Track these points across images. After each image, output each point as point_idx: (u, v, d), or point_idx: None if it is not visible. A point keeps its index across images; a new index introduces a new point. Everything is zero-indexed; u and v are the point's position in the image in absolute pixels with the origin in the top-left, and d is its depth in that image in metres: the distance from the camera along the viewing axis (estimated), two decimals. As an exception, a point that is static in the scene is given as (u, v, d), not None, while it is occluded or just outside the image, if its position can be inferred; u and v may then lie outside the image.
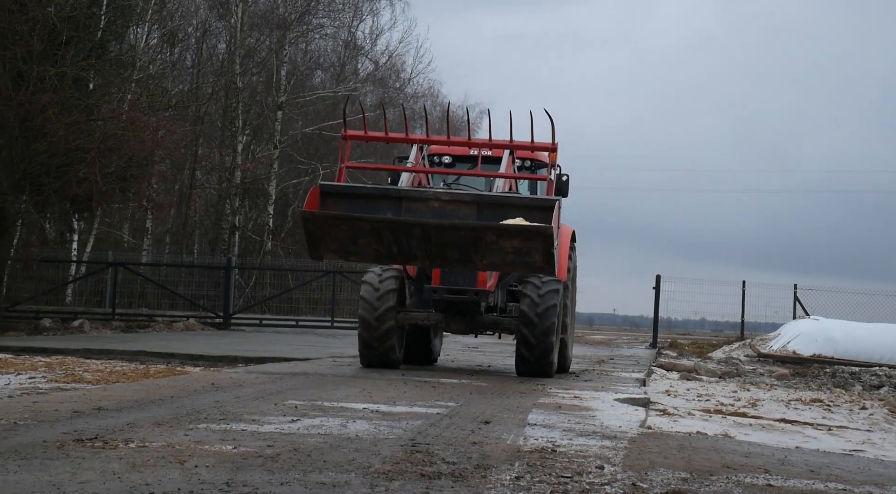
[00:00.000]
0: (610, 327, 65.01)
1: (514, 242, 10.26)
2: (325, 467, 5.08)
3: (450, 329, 12.56)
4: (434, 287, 12.23)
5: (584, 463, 5.59)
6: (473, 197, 11.11)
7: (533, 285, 11.87)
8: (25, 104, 18.29)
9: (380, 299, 11.91)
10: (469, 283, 12.16)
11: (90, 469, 4.71)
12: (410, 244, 10.38)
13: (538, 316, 11.69)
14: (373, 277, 12.14)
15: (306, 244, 10.50)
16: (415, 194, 11.02)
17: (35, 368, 10.90)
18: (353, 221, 10.30)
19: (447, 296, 12.18)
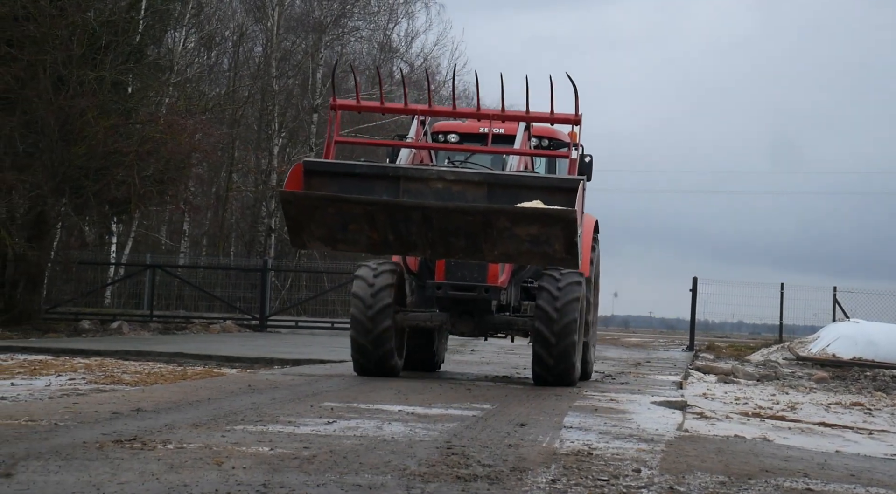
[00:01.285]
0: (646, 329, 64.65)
1: (532, 229, 8.75)
2: (360, 469, 5.09)
3: (456, 331, 11.13)
4: (438, 282, 10.81)
5: (620, 466, 5.57)
6: (483, 176, 9.46)
7: (551, 277, 10.62)
8: (65, 108, 18.50)
9: (375, 296, 10.59)
10: (478, 278, 10.75)
11: (129, 470, 4.75)
12: (409, 230, 8.88)
13: (557, 312, 10.40)
14: (366, 271, 10.77)
15: (287, 230, 9.07)
16: (415, 173, 9.34)
17: (75, 369, 11.02)
18: (343, 203, 8.75)
19: (452, 294, 10.75)
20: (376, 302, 10.57)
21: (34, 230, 19.41)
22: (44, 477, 4.55)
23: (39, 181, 18.50)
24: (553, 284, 10.56)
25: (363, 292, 10.62)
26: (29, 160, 18.85)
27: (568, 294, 10.49)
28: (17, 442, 5.40)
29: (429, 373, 12.16)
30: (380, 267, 10.77)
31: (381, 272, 10.71)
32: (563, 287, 10.53)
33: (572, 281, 10.59)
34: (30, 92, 18.29)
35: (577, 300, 10.52)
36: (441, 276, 10.83)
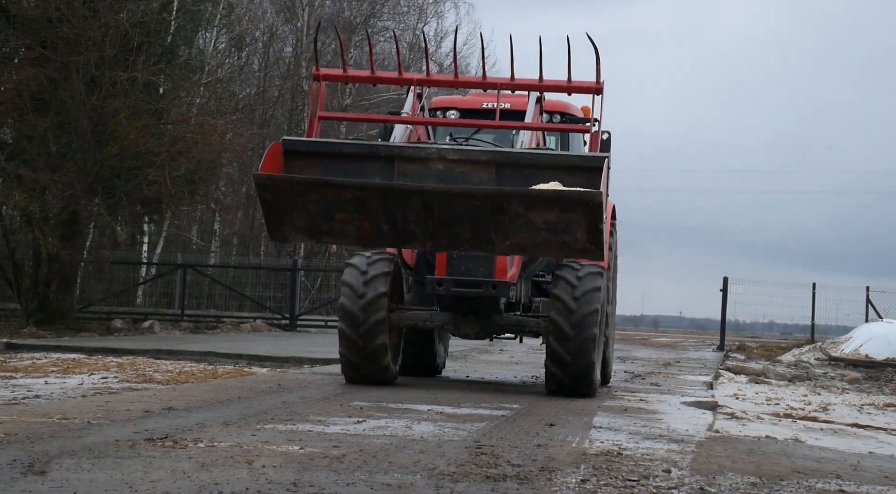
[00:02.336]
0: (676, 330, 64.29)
1: (549, 215, 7.40)
2: (390, 468, 5.11)
3: (459, 332, 9.82)
4: (438, 278, 9.49)
5: (650, 467, 5.55)
6: (492, 155, 8.09)
7: (569, 267, 9.52)
8: (98, 109, 18.66)
9: (368, 284, 9.44)
10: (484, 273, 9.47)
11: (161, 469, 4.79)
12: (407, 219, 7.53)
13: (577, 301, 9.30)
14: (360, 260, 9.74)
15: (265, 221, 7.79)
16: (412, 152, 8.00)
17: (107, 368, 11.11)
18: (328, 188, 7.45)
19: (455, 290, 9.47)
20: (369, 291, 9.42)
21: (67, 230, 19.59)
22: (77, 475, 4.59)
23: (72, 181, 18.66)
24: (571, 273, 9.51)
25: (355, 280, 9.51)
26: (62, 160, 19.02)
27: (588, 283, 9.43)
28: (51, 440, 5.46)
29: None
30: (375, 256, 9.75)
31: (376, 260, 9.69)
32: (583, 276, 9.50)
33: (593, 271, 9.57)
34: (63, 93, 18.46)
35: (598, 290, 9.38)
36: (442, 271, 9.52)
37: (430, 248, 8.56)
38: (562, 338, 9.28)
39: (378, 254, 9.69)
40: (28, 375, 9.69)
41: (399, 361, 10.14)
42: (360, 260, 9.63)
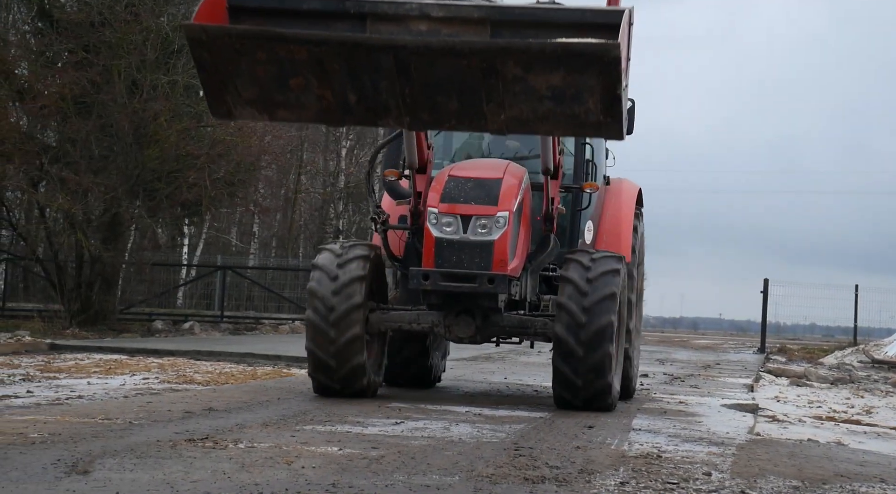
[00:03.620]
0: (716, 331, 63.85)
1: (554, 76, 5.90)
2: (429, 469, 5.11)
3: (451, 335, 8.39)
4: (424, 270, 8.03)
5: (690, 470, 5.51)
6: (485, 11, 6.46)
7: (578, 264, 8.16)
8: (139, 112, 18.85)
9: (340, 292, 8.11)
10: (480, 264, 8.02)
11: (202, 469, 4.83)
12: (378, 86, 5.91)
13: (586, 312, 7.92)
14: (328, 259, 8.32)
15: (203, 91, 6.15)
16: (387, 9, 6.38)
17: (148, 369, 11.22)
18: (279, 43, 5.86)
19: (444, 285, 7.99)
20: (342, 302, 8.09)
21: (109, 232, 19.80)
22: (119, 475, 4.64)
23: (114, 183, 18.85)
24: (580, 273, 8.07)
25: (323, 288, 8.14)
26: (104, 163, 19.23)
27: (601, 287, 7.98)
28: (94, 440, 5.52)
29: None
30: (347, 253, 8.32)
31: (349, 260, 8.25)
32: (595, 277, 8.04)
33: (608, 270, 8.10)
34: (105, 96, 18.66)
35: (612, 297, 7.97)
36: (430, 262, 8.06)
37: (409, 125, 6.44)
38: (570, 359, 7.92)
39: (353, 250, 8.41)
40: (71, 375, 9.81)
41: (382, 370, 8.77)
42: (328, 261, 8.38)
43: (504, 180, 8.28)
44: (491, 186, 8.21)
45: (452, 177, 8.31)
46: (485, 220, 8.07)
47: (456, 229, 8.08)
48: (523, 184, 8.47)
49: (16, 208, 22.80)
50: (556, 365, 8.07)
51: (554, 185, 8.60)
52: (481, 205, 8.09)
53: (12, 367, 10.50)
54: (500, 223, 8.08)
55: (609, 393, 8.10)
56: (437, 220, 8.09)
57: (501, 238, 8.05)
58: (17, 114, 19.80)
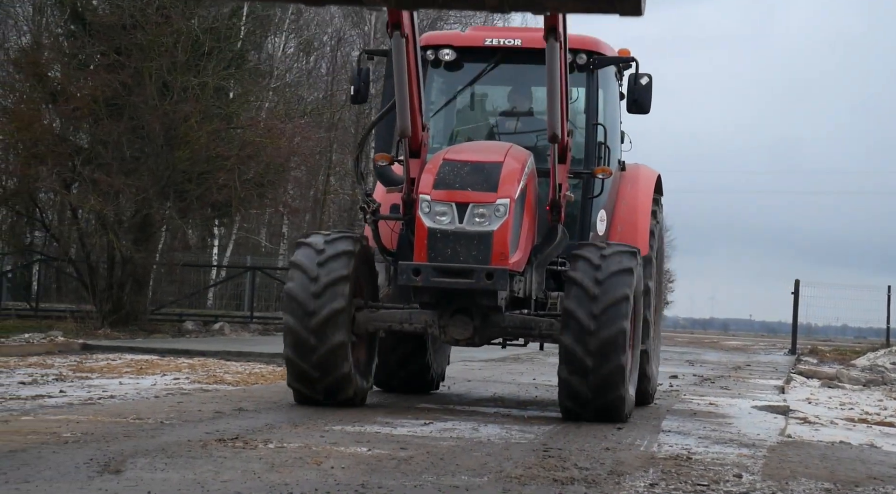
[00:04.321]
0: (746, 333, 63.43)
1: None
2: (457, 470, 5.11)
3: (446, 336, 7.53)
4: (415, 264, 7.20)
5: (720, 472, 5.48)
6: None
7: (586, 260, 7.33)
8: (170, 113, 18.98)
9: (321, 295, 7.29)
10: (477, 257, 7.19)
11: (232, 469, 4.86)
12: None
13: (595, 319, 7.09)
14: (307, 255, 7.46)
15: None
16: None
17: (179, 369, 11.29)
18: None
19: (438, 281, 7.15)
20: (323, 307, 7.27)
21: (140, 233, 19.96)
22: (151, 474, 4.68)
23: (145, 185, 19.00)
24: (588, 272, 7.24)
25: (302, 290, 7.33)
26: (135, 164, 19.39)
27: (612, 289, 7.17)
28: (126, 440, 5.56)
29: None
30: (330, 248, 7.46)
31: (330, 257, 7.41)
32: (605, 278, 7.22)
33: (620, 269, 7.28)
34: (136, 98, 18.81)
35: (625, 300, 7.18)
36: (421, 255, 7.23)
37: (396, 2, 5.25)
38: (578, 370, 7.13)
39: (336, 244, 7.51)
40: (103, 375, 9.89)
41: (372, 373, 7.94)
42: (316, 239, 7.56)
43: (505, 164, 7.40)
44: (490, 170, 7.32)
45: (448, 160, 7.41)
46: (483, 208, 7.19)
47: (451, 218, 7.19)
48: (527, 169, 7.58)
49: (49, 209, 23.03)
50: (562, 376, 7.25)
51: (562, 170, 7.65)
52: (479, 191, 7.23)
53: (45, 367, 10.61)
54: (501, 211, 7.20)
55: (622, 406, 7.32)
56: (429, 209, 7.21)
57: (501, 228, 7.17)
58: (50, 117, 20.01)
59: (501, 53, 8.36)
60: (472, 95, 8.76)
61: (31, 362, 11.14)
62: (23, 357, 12.01)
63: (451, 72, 8.56)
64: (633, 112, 8.52)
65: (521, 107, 8.67)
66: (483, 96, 8.88)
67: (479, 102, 8.85)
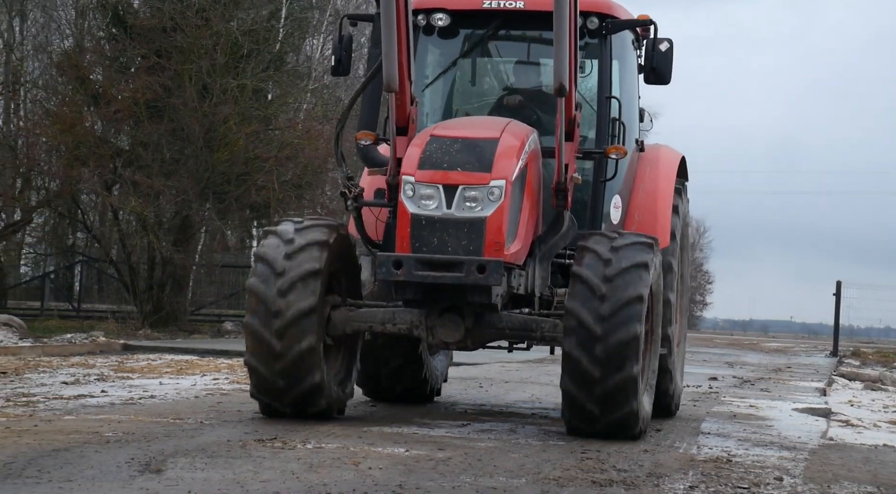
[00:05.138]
0: (786, 334, 62.85)
1: None
2: (495, 471, 5.11)
3: (434, 339, 6.59)
4: (396, 256, 6.30)
5: (761, 474, 5.43)
6: None
7: (593, 253, 6.40)
8: (209, 115, 19.14)
9: (292, 257, 6.42)
10: (468, 247, 6.28)
11: (271, 469, 4.88)
12: None
13: (603, 322, 6.18)
14: (274, 246, 6.53)
15: None
16: None
17: (218, 370, 11.36)
18: None
19: (421, 274, 6.22)
20: (290, 306, 6.35)
21: (180, 234, 20.14)
22: (191, 474, 4.71)
23: (185, 186, 19.17)
24: (596, 267, 6.32)
25: (266, 286, 6.40)
26: (175, 166, 19.57)
27: (624, 286, 6.25)
28: (167, 440, 5.61)
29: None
30: (300, 237, 6.52)
31: (300, 248, 6.47)
32: (622, 246, 6.39)
33: (634, 264, 6.35)
34: (176, 100, 18.99)
35: (638, 301, 6.24)
36: (404, 245, 6.35)
37: None
38: (585, 339, 6.19)
39: (308, 233, 6.57)
40: (144, 376, 9.98)
41: (352, 380, 7.02)
42: (285, 227, 6.66)
43: (502, 140, 6.48)
44: (484, 148, 6.40)
45: (436, 136, 6.51)
46: (475, 191, 6.28)
47: (438, 203, 6.29)
48: (528, 147, 6.62)
49: (90, 211, 23.31)
50: (564, 388, 6.33)
51: (568, 148, 6.71)
52: (471, 171, 6.31)
53: (87, 367, 10.73)
54: (495, 195, 6.28)
55: (634, 422, 6.37)
56: (413, 192, 6.30)
57: (496, 214, 6.26)
58: (91, 119, 20.24)
59: (502, 18, 7.41)
60: (474, 69, 7.78)
61: (73, 362, 11.27)
62: (65, 357, 12.16)
63: (445, 40, 7.63)
64: (651, 82, 7.50)
65: (527, 81, 7.76)
66: (485, 69, 7.92)
67: (480, 77, 7.89)
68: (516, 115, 7.15)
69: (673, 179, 7.86)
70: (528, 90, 7.68)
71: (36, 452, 4.94)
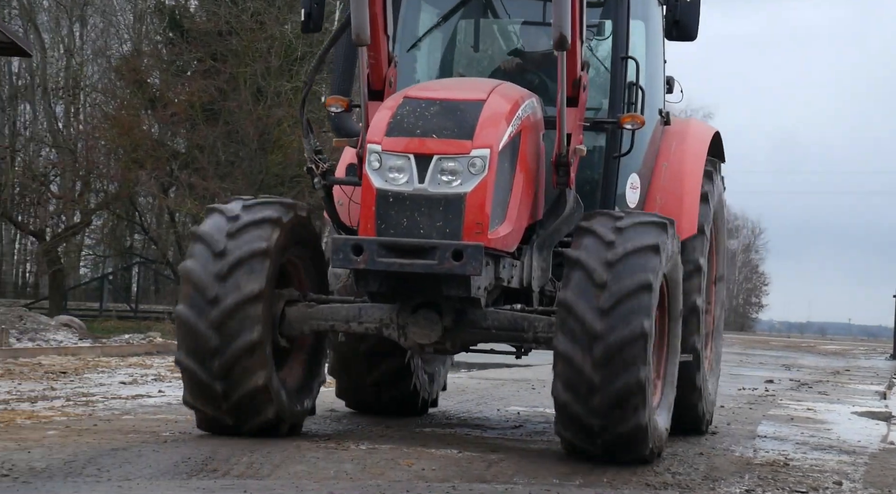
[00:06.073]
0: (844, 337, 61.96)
1: None
2: (547, 474, 5.09)
3: (407, 340, 5.55)
4: (355, 239, 5.32)
5: (819, 478, 5.36)
6: None
7: (595, 238, 5.40)
8: (263, 118, 19.35)
9: (226, 278, 5.42)
10: (443, 230, 5.30)
11: (325, 469, 4.91)
12: None
13: (603, 316, 5.17)
14: (216, 224, 5.60)
15: None
16: None
17: (273, 369, 11.45)
18: None
19: (386, 261, 5.21)
20: (229, 292, 5.40)
21: (235, 235, 20.40)
22: (247, 474, 4.76)
23: (240, 188, 19.38)
24: (595, 251, 5.34)
25: (202, 269, 5.46)
26: (230, 168, 19.81)
27: (629, 272, 5.25)
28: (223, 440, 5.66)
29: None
30: (247, 214, 5.60)
31: (246, 225, 5.54)
32: (618, 258, 5.29)
33: (640, 246, 5.34)
34: (231, 103, 19.22)
35: (646, 288, 5.24)
36: (368, 226, 5.37)
37: None
38: (582, 336, 5.20)
39: (258, 210, 5.68)
40: (200, 375, 10.08)
41: (312, 395, 5.96)
42: (232, 205, 5.72)
43: (488, 103, 5.47)
44: (465, 111, 5.40)
45: (410, 98, 5.50)
46: (453, 162, 5.28)
47: (408, 176, 5.29)
48: (522, 112, 5.59)
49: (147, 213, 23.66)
50: (557, 396, 5.30)
51: (572, 115, 5.69)
52: (448, 138, 5.31)
53: (145, 367, 10.88)
54: (477, 166, 5.28)
55: (643, 439, 5.29)
56: (380, 163, 5.33)
57: (478, 189, 5.27)
58: (148, 122, 20.56)
59: None
60: (478, 31, 6.75)
61: (131, 362, 11.44)
62: (123, 357, 12.34)
63: None
64: (674, 38, 6.47)
65: (535, 44, 6.64)
66: (491, 32, 6.89)
67: (485, 40, 6.86)
68: (516, 82, 6.04)
69: (703, 158, 6.74)
70: (533, 53, 6.58)
71: (95, 451, 5.02)
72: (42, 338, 13.59)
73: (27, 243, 28.62)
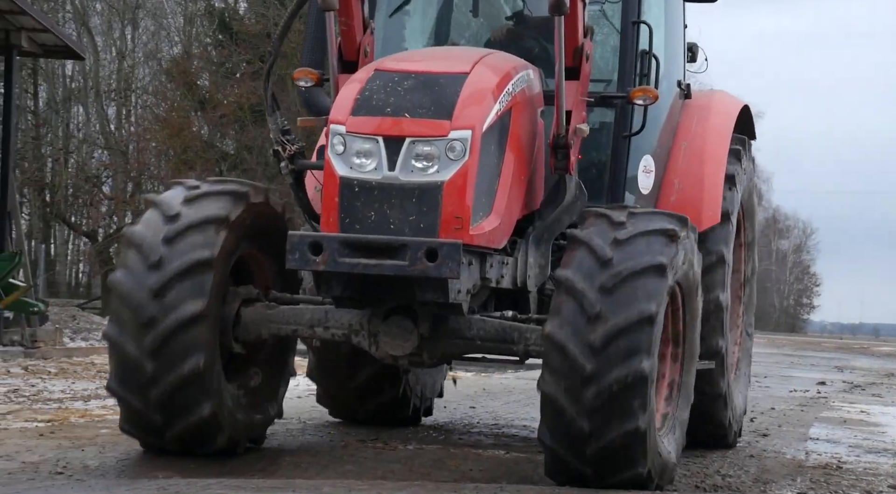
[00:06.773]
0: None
1: None
2: (597, 475, 5.06)
3: (380, 351, 4.84)
4: (316, 235, 4.63)
5: (873, 482, 5.28)
6: None
7: (587, 251, 4.64)
8: (311, 119, 19.51)
9: (162, 294, 4.67)
10: (417, 225, 4.56)
11: (373, 469, 4.93)
12: None
13: (594, 354, 4.41)
14: (152, 224, 4.81)
15: None
16: None
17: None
18: None
19: (348, 262, 4.49)
20: (167, 311, 4.67)
21: (283, 236, 20.56)
22: (296, 473, 4.79)
23: (288, 190, 19.54)
24: (587, 273, 4.55)
25: (135, 284, 4.70)
26: (278, 170, 19.96)
27: (625, 302, 4.48)
28: (272, 439, 5.71)
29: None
30: (189, 210, 4.84)
31: (187, 227, 4.78)
32: (616, 283, 4.51)
33: (641, 267, 4.56)
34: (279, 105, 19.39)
35: (648, 321, 4.47)
36: (330, 221, 4.66)
37: None
38: (570, 378, 4.46)
39: (217, 181, 5.13)
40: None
41: (275, 406, 5.32)
42: (172, 193, 4.96)
43: (472, 76, 4.73)
44: (445, 86, 4.66)
45: (382, 70, 4.79)
46: (429, 146, 4.54)
47: (377, 162, 4.56)
48: (513, 87, 4.86)
49: (197, 213, 23.86)
50: (544, 441, 4.56)
51: (571, 89, 4.95)
52: (424, 117, 4.57)
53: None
54: (457, 151, 4.54)
55: (646, 484, 4.54)
56: (344, 147, 4.60)
57: (457, 177, 4.52)
58: (198, 124, 20.78)
59: None
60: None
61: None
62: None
63: None
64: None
65: (539, 9, 5.68)
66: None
67: (485, 6, 6.09)
68: (513, 51, 5.36)
69: (728, 135, 5.93)
70: (533, 18, 5.81)
71: (146, 449, 5.08)
72: (95, 338, 13.78)
73: (80, 244, 29.05)
